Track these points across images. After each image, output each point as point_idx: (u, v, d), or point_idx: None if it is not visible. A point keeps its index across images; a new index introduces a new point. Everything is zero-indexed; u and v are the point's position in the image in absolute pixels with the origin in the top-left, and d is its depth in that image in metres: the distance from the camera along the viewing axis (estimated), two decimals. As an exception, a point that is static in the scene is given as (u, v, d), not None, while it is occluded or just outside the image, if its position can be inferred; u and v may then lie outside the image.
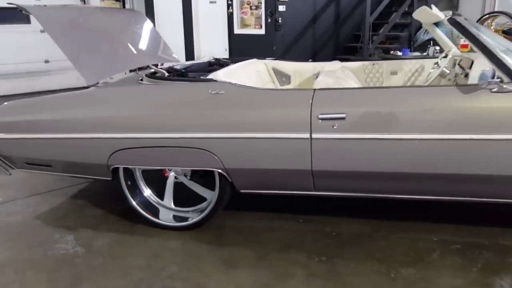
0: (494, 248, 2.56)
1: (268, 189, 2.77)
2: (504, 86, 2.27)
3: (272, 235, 2.82)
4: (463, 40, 3.48)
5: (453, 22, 2.48)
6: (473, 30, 2.43)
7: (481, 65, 2.96)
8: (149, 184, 3.06)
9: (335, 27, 7.56)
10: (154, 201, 3.04)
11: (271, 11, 6.59)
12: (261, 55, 4.23)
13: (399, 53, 6.60)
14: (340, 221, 2.97)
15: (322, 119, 2.44)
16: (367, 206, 3.11)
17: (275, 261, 2.54)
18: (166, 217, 2.98)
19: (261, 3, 6.75)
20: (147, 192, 3.04)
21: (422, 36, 7.18)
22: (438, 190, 2.51)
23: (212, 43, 7.27)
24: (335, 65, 3.72)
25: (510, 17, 7.15)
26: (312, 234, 2.82)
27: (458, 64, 3.40)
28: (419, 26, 7.27)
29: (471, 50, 3.47)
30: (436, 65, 3.56)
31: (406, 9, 6.99)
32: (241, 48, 6.78)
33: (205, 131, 2.58)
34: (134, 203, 2.97)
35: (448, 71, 3.33)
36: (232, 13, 7.18)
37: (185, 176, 2.96)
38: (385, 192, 2.59)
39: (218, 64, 3.72)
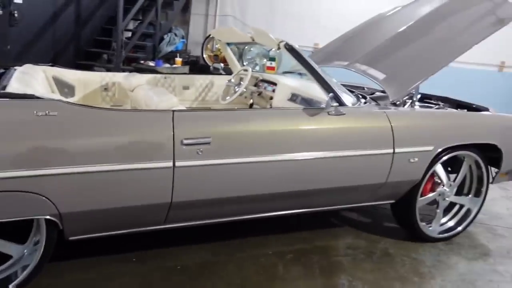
0: (317, 251, 2.88)
1: (108, 231, 2.27)
2: (340, 110, 2.60)
3: (115, 286, 2.32)
4: (269, 63, 3.75)
5: (290, 48, 2.64)
6: (308, 58, 2.66)
7: (284, 87, 3.31)
8: None
9: (76, 29, 6.78)
10: None
11: (3, 1, 5.30)
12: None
13: (151, 64, 6.51)
14: (175, 252, 2.72)
15: (187, 144, 2.17)
16: (189, 232, 2.94)
17: (137, 317, 2.11)
18: None
19: (-15, -11, 5.32)
20: None
21: (165, 48, 7.33)
22: (290, 206, 2.66)
23: None
24: (137, 78, 3.35)
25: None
26: (158, 274, 2.48)
27: (256, 84, 3.66)
28: (162, 37, 7.40)
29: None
30: (229, 82, 3.73)
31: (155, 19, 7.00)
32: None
33: (32, 168, 1.89)
34: None
35: (245, 90, 3.55)
36: None
37: (-22, 231, 2.09)
38: (242, 214, 2.57)
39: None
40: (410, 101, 3.23)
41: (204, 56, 8.19)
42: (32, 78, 2.68)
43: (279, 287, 2.46)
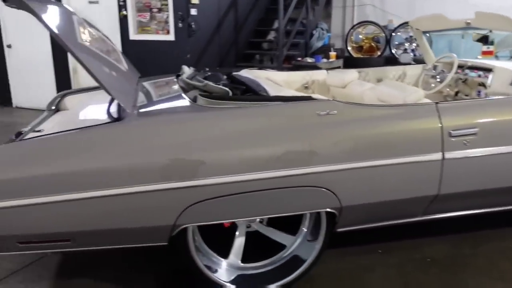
0: None
1: (371, 223, 2.34)
2: None
3: (377, 276, 2.40)
4: (485, 47, 3.60)
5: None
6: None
7: (504, 72, 3.10)
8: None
9: (235, 34, 7.20)
10: (215, 260, 2.28)
11: (182, 14, 5.82)
12: (173, 64, 3.63)
13: (310, 60, 6.65)
14: (416, 244, 2.71)
15: (455, 136, 2.15)
16: (421, 225, 2.91)
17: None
18: (228, 278, 2.26)
19: (166, 5, 5.90)
20: (208, 250, 2.27)
21: (316, 43, 7.44)
22: None
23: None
24: (349, 74, 3.41)
25: (378, 26, 7.96)
26: (411, 265, 2.50)
27: (464, 70, 3.50)
28: (311, 33, 7.52)
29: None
30: (427, 70, 3.64)
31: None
32: (141, 56, 5.80)
33: (320, 164, 2.01)
34: (201, 265, 2.15)
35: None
36: (126, 16, 6.13)
37: (261, 222, 2.30)
38: (493, 206, 2.48)
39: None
40: None
41: (349, 48, 8.13)
42: (266, 82, 2.87)
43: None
